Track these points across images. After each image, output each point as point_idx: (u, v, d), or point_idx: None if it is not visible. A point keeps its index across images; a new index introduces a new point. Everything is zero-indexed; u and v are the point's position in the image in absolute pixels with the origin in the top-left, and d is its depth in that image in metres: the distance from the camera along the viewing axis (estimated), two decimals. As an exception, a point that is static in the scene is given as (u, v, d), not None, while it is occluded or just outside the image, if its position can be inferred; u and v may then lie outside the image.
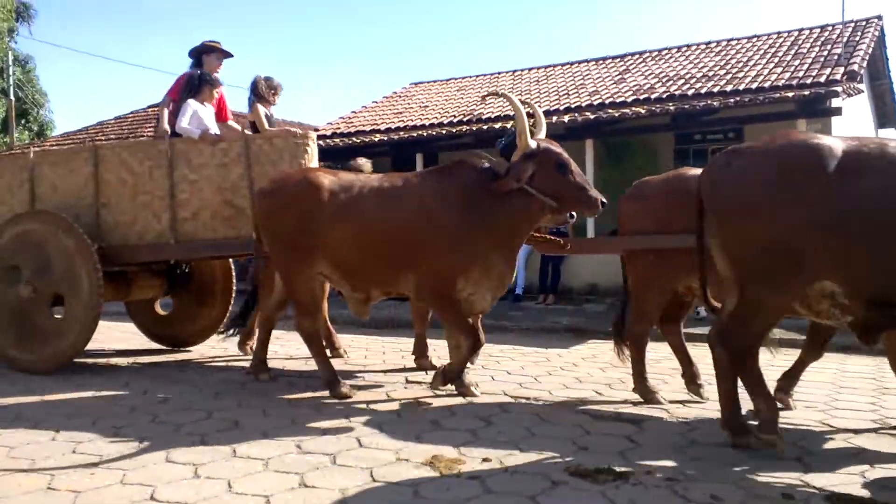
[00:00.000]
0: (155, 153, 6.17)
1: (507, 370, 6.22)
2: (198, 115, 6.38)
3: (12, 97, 22.98)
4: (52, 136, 26.01)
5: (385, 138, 13.50)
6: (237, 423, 4.66)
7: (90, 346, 6.46)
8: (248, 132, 6.64)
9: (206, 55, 6.85)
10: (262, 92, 6.83)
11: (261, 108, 6.72)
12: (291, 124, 24.93)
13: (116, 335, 8.67)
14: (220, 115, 6.86)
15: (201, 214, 6.13)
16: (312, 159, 6.21)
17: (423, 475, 3.65)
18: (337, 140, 14.23)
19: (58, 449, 4.17)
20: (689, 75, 13.38)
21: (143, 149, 6.30)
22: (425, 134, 12.74)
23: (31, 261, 6.09)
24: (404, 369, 6.39)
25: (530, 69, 17.76)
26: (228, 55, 6.99)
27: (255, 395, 5.46)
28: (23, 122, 27.26)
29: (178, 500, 3.37)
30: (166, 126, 6.44)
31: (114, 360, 7.01)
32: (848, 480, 3.50)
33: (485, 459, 3.86)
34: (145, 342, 7.76)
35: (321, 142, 14.01)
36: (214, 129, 6.53)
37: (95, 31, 67.35)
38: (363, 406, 5.06)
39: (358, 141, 13.43)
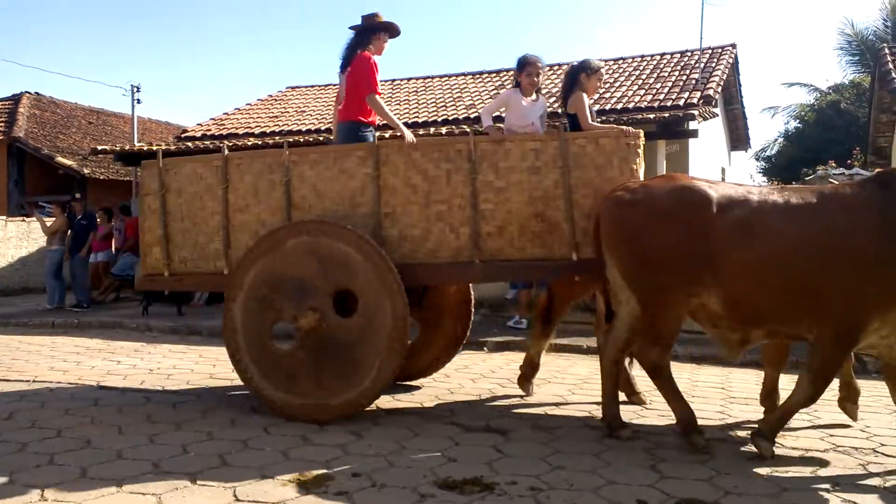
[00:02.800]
0: (453, 153, 5.08)
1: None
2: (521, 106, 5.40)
3: None
4: None
5: (259, 142, 13.11)
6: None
7: None
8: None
9: (378, 33, 5.66)
10: (587, 75, 5.46)
11: (584, 98, 5.36)
12: (160, 124, 23.92)
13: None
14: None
15: (508, 229, 5.03)
16: (641, 166, 5.08)
17: (289, 494, 3.55)
18: (207, 142, 13.70)
19: None
20: (557, 93, 13.90)
21: (440, 147, 5.19)
22: (301, 140, 12.49)
23: (320, 282, 4.88)
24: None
25: (409, 79, 17.86)
26: (397, 34, 5.81)
27: (109, 410, 5.13)
28: None
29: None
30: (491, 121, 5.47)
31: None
32: (699, 486, 3.72)
33: (354, 475, 3.81)
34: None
35: (189, 143, 13.47)
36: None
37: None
38: (229, 421, 4.87)
39: (230, 144, 12.96)
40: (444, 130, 11.52)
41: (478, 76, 16.80)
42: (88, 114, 20.82)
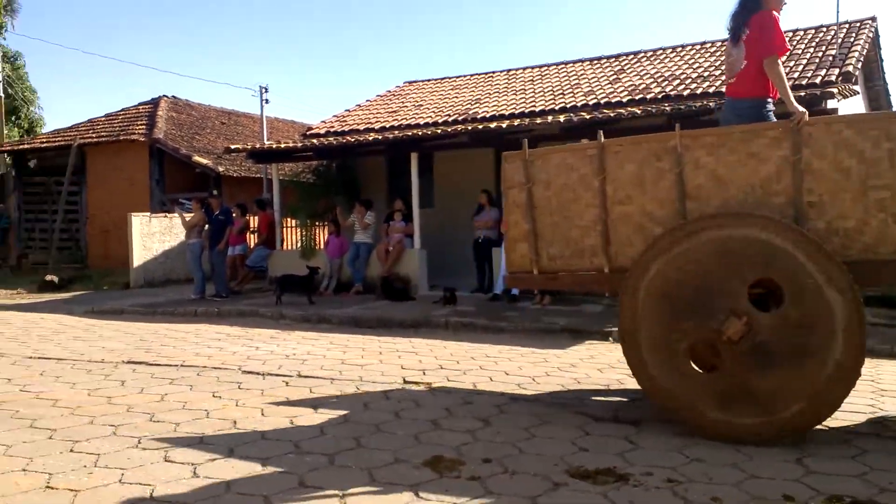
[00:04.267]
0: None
1: (505, 371, 6.21)
2: None
3: (1, 94, 22.80)
4: (41, 132, 25.86)
5: (379, 137, 13.44)
6: (235, 422, 4.64)
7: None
8: None
9: None
10: None
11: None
12: (286, 123, 24.95)
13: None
14: None
15: None
16: None
17: (423, 477, 3.63)
18: (331, 139, 14.18)
19: (55, 448, 4.14)
20: (684, 76, 13.40)
21: (878, 123, 4.41)
22: (420, 133, 12.70)
23: (737, 282, 4.22)
24: (402, 369, 6.36)
25: (524, 69, 17.75)
26: None
27: (252, 393, 5.43)
28: (13, 119, 27.11)
29: (178, 501, 3.35)
30: None
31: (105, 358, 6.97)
32: (849, 482, 3.50)
33: (485, 460, 3.85)
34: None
35: (315, 140, 13.99)
36: None
37: (84, 28, 66.88)
38: (361, 406, 5.04)
39: (352, 140, 13.37)
40: (561, 118, 11.37)
41: (595, 62, 16.46)
42: (221, 115, 22.02)
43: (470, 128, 12.28)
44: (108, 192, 16.91)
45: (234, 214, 12.61)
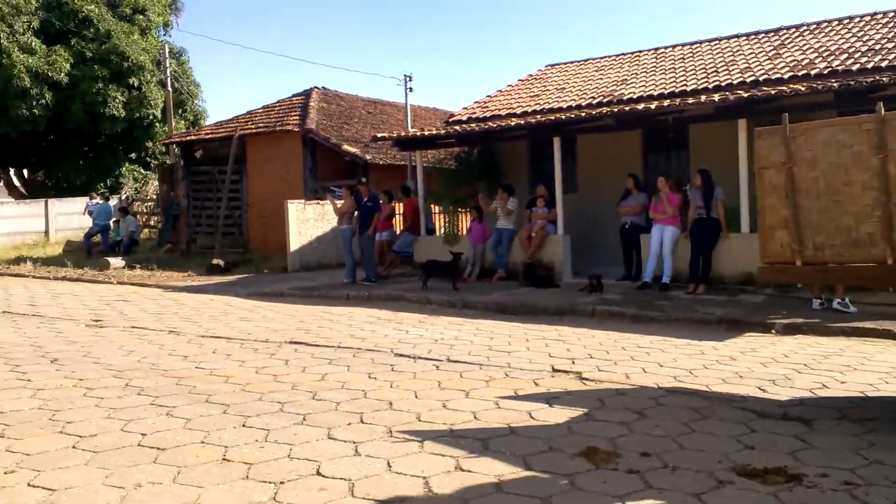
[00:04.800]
0: None
1: (659, 362, 6.00)
2: None
3: (170, 88, 24.66)
4: (205, 125, 27.81)
5: (521, 122, 13.35)
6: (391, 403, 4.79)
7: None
8: None
9: None
10: None
11: None
12: (429, 111, 25.39)
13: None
14: None
15: None
16: None
17: (580, 467, 3.58)
18: (473, 125, 14.26)
19: (229, 422, 4.46)
20: (853, 49, 12.32)
21: None
22: (563, 117, 12.49)
23: None
24: (550, 357, 6.31)
25: (674, 46, 16.99)
26: None
27: (405, 376, 5.59)
28: (179, 111, 29.30)
29: (342, 476, 3.51)
30: None
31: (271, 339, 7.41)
32: None
33: (643, 454, 3.74)
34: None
35: (457, 127, 14.13)
36: None
37: (243, 24, 71.12)
38: (511, 391, 5.05)
39: (494, 125, 13.37)
40: (716, 97, 10.79)
41: (752, 37, 15.48)
42: (367, 104, 22.74)
43: (615, 109, 11.94)
44: (266, 181, 17.94)
45: (381, 201, 12.99)
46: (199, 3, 58.43)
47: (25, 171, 30.12)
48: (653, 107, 11.23)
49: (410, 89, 23.35)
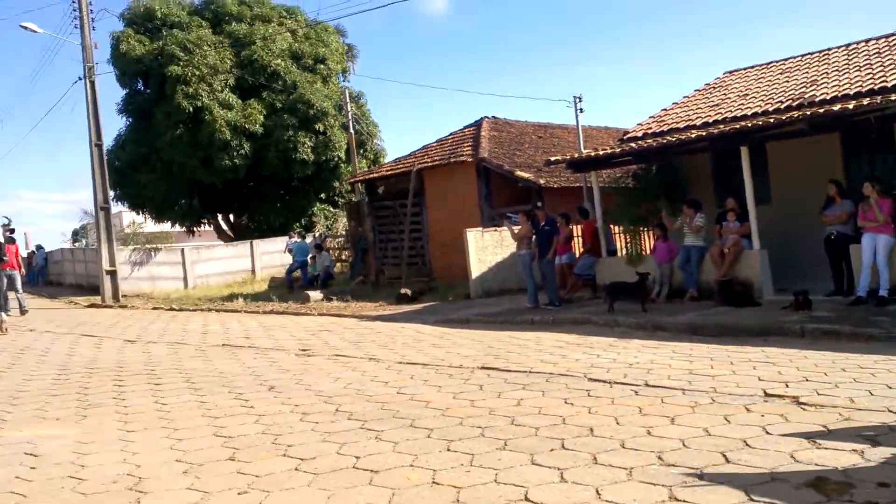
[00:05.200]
0: None
1: (887, 384, 5.43)
2: None
3: (352, 131, 26.25)
4: (385, 161, 29.29)
5: (703, 133, 12.78)
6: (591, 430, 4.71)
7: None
8: None
9: None
10: None
11: None
12: (600, 130, 25.05)
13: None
14: None
15: None
16: None
17: (809, 499, 3.31)
18: (649, 140, 13.86)
19: (434, 446, 4.59)
20: None
21: None
22: (749, 124, 11.80)
23: None
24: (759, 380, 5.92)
25: (867, 41, 15.57)
26: None
27: (602, 401, 5.48)
28: (361, 151, 31.10)
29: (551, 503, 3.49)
30: None
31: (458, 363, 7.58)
32: None
33: (881, 485, 3.39)
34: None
35: (632, 144, 13.79)
36: None
37: (414, 63, 74.40)
38: (721, 419, 4.79)
39: (672, 139, 12.90)
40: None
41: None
42: (537, 129, 22.85)
43: (808, 112, 11.10)
44: (444, 211, 18.52)
45: (558, 224, 12.94)
46: (373, 48, 62.00)
47: (231, 216, 33.25)
48: (850, 107, 10.33)
49: (581, 110, 23.18)
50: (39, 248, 37.22)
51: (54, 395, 7.05)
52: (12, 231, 11.90)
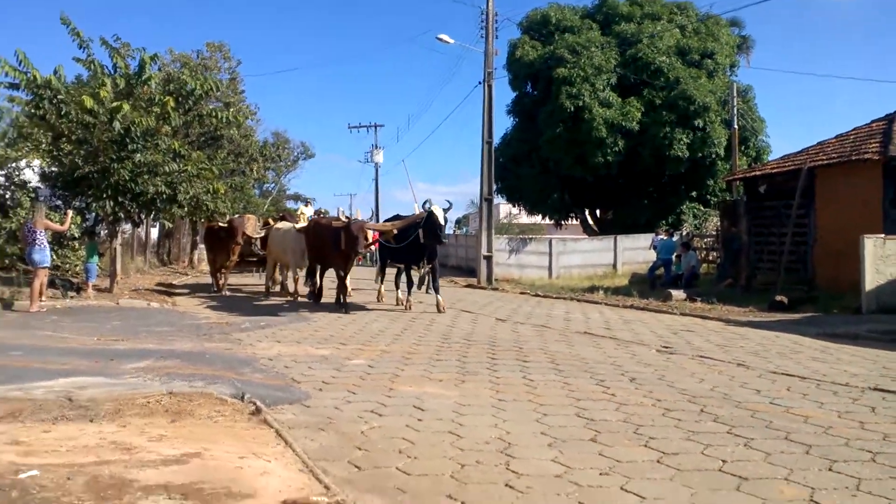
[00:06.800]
0: None
1: None
2: None
3: (735, 126, 24.75)
4: (768, 160, 27.08)
5: None
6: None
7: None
8: None
9: None
10: None
11: None
12: None
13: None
14: None
15: None
16: None
17: None
18: None
19: (812, 463, 4.15)
20: None
21: None
22: None
23: None
24: None
25: None
26: None
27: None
28: (742, 148, 29.15)
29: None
30: None
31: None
32: None
33: None
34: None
35: None
36: None
37: (814, 50, 67.42)
38: None
39: None
40: None
41: None
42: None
43: None
44: (837, 214, 16.48)
45: None
46: (771, 37, 57.62)
47: (598, 211, 33.91)
48: None
49: None
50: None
51: (439, 360, 7.93)
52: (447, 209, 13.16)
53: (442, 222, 12.88)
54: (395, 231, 13.29)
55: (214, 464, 3.94)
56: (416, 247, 13.15)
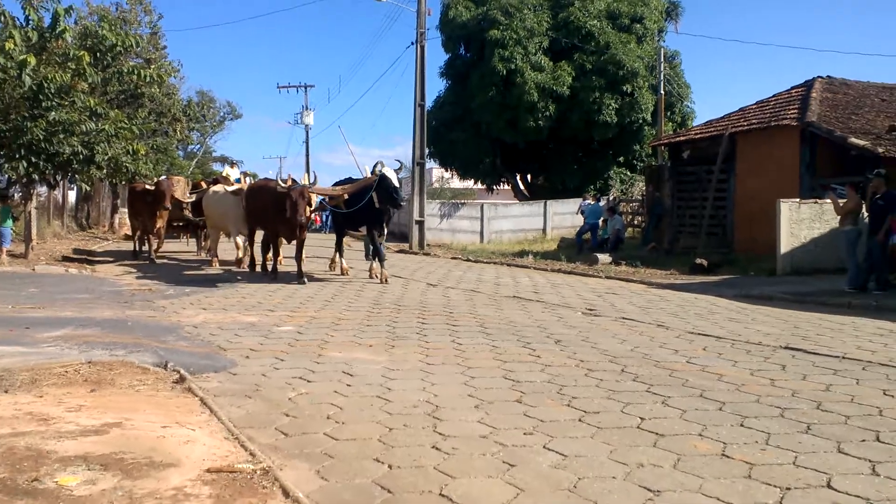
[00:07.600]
0: None
1: None
2: None
3: (662, 92, 25.26)
4: (693, 125, 27.79)
5: None
6: (918, 430, 4.10)
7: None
8: None
9: None
10: None
11: None
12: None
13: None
14: None
15: None
16: None
17: None
18: None
19: (725, 419, 4.36)
20: None
21: None
22: None
23: None
24: None
25: None
26: None
27: None
28: (668, 114, 29.82)
29: (858, 495, 3.17)
30: None
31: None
32: None
33: None
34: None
35: None
36: None
37: (739, 20, 69.08)
38: None
39: None
40: None
41: None
42: (882, 91, 19.88)
43: None
44: (756, 179, 17.09)
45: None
46: (697, 5, 58.69)
47: (528, 176, 34.26)
48: None
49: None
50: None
51: (368, 326, 7.93)
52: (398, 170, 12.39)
53: (397, 184, 12.05)
54: (346, 196, 12.38)
55: (136, 433, 3.86)
56: (370, 211, 12.24)
